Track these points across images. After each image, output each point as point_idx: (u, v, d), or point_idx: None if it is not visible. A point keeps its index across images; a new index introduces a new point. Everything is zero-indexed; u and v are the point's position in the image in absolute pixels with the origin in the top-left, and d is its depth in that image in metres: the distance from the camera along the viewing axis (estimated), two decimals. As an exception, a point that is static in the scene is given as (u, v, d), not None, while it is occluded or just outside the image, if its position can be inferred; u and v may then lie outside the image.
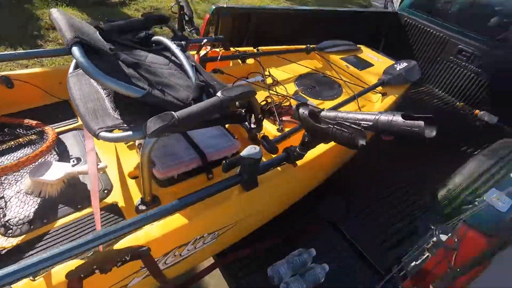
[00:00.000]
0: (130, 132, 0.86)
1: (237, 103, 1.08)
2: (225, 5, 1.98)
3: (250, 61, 1.87)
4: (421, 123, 0.90)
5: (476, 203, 0.88)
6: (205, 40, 1.64)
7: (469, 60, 2.72)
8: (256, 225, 1.35)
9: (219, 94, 0.93)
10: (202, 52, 1.72)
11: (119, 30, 1.13)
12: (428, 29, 2.92)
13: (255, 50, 1.93)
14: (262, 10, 2.21)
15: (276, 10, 2.33)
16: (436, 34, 2.88)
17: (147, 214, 0.79)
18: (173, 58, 1.15)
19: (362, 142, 0.88)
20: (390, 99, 1.84)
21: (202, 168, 1.13)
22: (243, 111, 1.11)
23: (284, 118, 1.56)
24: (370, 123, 1.00)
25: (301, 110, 1.00)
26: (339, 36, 2.42)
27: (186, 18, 1.51)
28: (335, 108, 1.63)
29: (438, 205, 1.59)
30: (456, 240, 0.92)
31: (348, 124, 0.91)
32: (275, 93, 1.73)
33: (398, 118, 0.96)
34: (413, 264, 1.04)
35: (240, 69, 1.81)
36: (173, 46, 1.07)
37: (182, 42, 1.09)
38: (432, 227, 1.05)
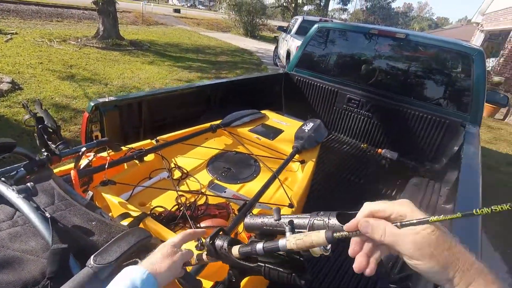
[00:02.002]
0: None
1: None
2: (107, 99, 1.69)
3: (150, 157, 1.58)
4: None
5: None
6: (83, 149, 1.30)
7: (359, 106, 2.99)
8: None
9: (90, 262, 0.61)
10: (85, 162, 1.36)
11: None
12: (318, 84, 3.16)
13: (154, 142, 1.66)
14: (153, 95, 1.95)
15: (170, 91, 2.10)
16: (326, 88, 3.13)
17: None
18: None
19: (303, 280, 0.67)
20: (309, 166, 1.76)
21: None
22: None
23: (203, 224, 1.27)
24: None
25: (217, 244, 0.74)
26: (242, 104, 2.35)
27: (50, 130, 1.17)
28: (259, 193, 1.42)
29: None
30: None
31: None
32: (187, 190, 1.46)
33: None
34: None
35: (138, 170, 1.50)
36: (12, 194, 0.72)
37: (28, 184, 0.75)
38: None
